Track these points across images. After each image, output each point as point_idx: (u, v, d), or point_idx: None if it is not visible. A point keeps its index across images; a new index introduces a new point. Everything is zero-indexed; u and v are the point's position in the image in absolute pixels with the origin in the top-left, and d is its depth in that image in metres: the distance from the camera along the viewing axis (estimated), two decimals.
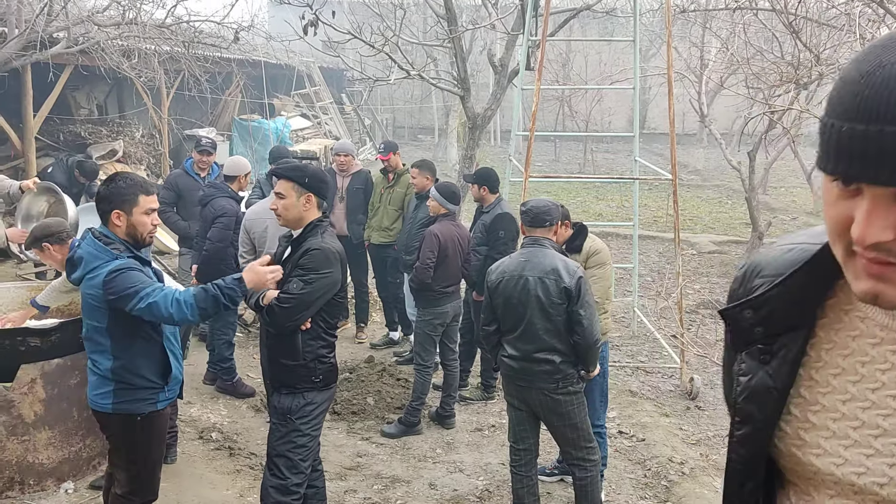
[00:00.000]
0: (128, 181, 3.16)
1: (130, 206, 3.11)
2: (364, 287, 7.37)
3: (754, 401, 1.09)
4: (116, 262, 3.04)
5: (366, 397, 5.84)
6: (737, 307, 1.11)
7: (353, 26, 7.55)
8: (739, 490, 1.14)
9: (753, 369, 1.09)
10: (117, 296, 2.98)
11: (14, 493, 4.10)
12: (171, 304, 2.96)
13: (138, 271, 3.05)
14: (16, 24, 7.71)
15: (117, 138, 11.80)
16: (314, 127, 17.74)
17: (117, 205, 3.10)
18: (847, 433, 1.01)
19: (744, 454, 1.12)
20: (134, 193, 3.12)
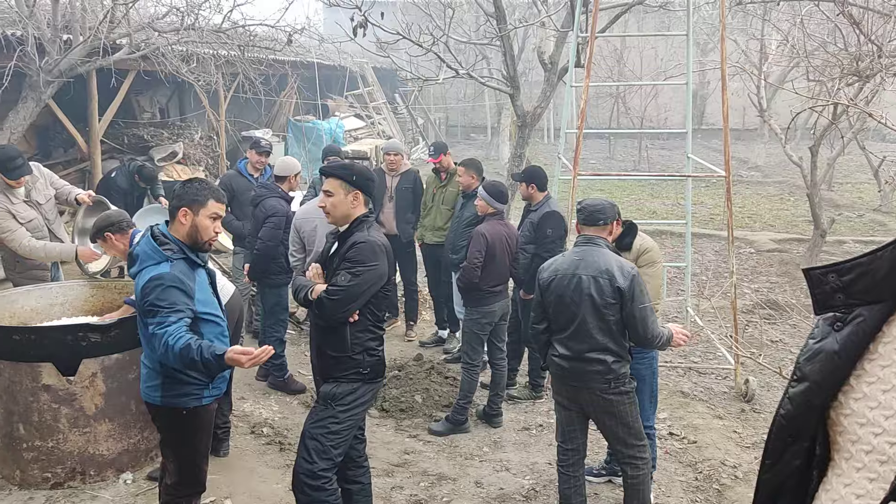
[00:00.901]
0: (203, 184, 3.31)
1: (198, 207, 3.23)
2: (413, 286, 7.42)
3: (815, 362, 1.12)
4: (162, 267, 3.12)
5: (414, 395, 5.88)
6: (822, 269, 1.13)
7: (402, 27, 7.60)
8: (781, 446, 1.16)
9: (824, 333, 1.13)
10: (145, 305, 3.08)
11: (76, 483, 4.28)
12: (163, 345, 2.96)
13: (177, 289, 3.08)
14: (80, 32, 8.01)
15: (177, 140, 12.15)
16: (367, 127, 17.93)
17: (187, 203, 3.23)
18: (892, 404, 1.03)
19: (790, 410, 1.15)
20: (205, 196, 3.25)
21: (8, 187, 5.12)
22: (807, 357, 1.13)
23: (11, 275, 5.39)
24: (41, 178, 5.38)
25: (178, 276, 3.11)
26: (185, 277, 3.16)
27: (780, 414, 1.17)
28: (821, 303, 1.13)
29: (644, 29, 21.53)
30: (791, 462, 1.15)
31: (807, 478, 1.14)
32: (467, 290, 5.38)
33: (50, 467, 4.26)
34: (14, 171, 5.05)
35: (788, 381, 1.18)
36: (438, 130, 24.80)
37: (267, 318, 5.91)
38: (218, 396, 3.45)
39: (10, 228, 5.06)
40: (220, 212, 3.31)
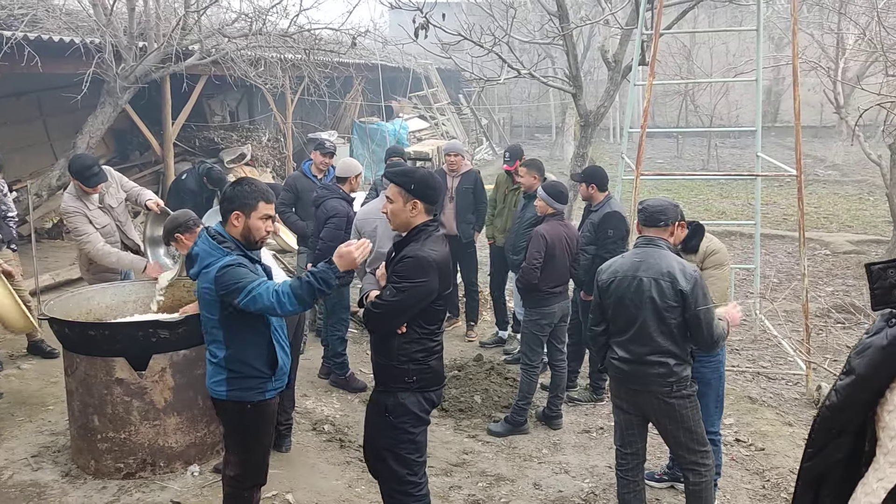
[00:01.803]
0: (252, 186, 3.37)
1: (249, 210, 3.32)
2: (474, 286, 7.43)
3: (864, 356, 1.13)
4: (227, 258, 3.25)
5: (473, 395, 5.89)
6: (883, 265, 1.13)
7: (463, 27, 7.61)
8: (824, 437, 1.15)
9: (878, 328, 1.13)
10: (227, 290, 3.19)
11: (146, 474, 4.44)
12: (271, 296, 3.14)
13: (245, 267, 3.23)
14: (154, 39, 8.32)
15: (246, 143, 12.49)
16: (431, 128, 18.03)
17: (238, 206, 3.32)
18: None
19: (836, 402, 1.16)
20: (255, 199, 3.32)
21: (84, 193, 5.33)
22: (857, 351, 1.13)
23: (86, 274, 5.63)
24: (113, 182, 5.58)
25: (244, 261, 3.25)
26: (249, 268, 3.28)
27: (826, 405, 1.17)
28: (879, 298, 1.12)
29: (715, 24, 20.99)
30: (833, 454, 1.14)
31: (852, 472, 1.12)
32: (527, 291, 5.35)
33: (122, 458, 4.43)
34: (91, 178, 5.25)
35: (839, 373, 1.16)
36: (502, 131, 24.76)
37: (329, 316, 6.01)
38: (280, 390, 3.52)
39: (86, 232, 5.28)
40: (269, 212, 3.38)
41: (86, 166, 5.26)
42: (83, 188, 5.31)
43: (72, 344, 4.43)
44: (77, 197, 5.33)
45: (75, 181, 5.31)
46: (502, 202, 7.01)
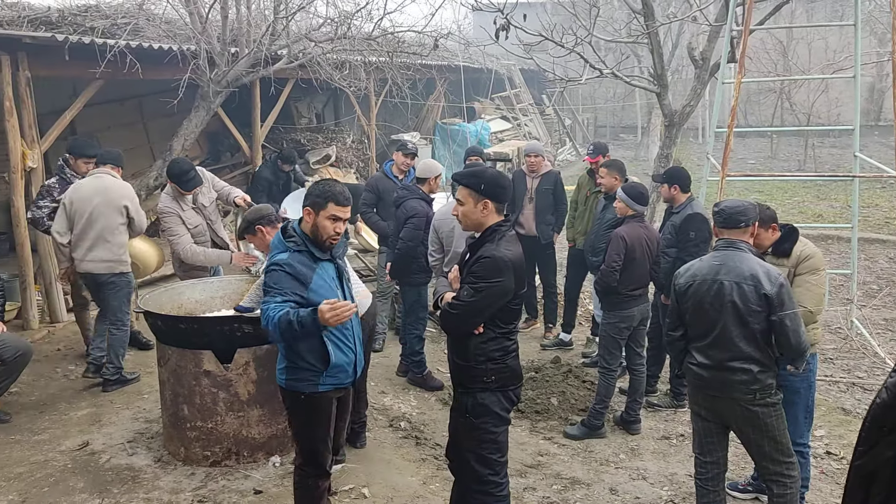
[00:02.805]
0: (327, 187, 3.46)
1: (319, 209, 3.41)
2: (553, 288, 7.38)
3: None
4: (282, 255, 3.36)
5: (550, 397, 5.85)
6: None
7: (544, 28, 7.57)
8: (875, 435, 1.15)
9: None
10: (264, 287, 3.37)
11: (231, 462, 4.62)
12: (265, 318, 3.25)
13: (290, 275, 3.31)
14: (245, 45, 8.63)
15: (331, 144, 12.79)
16: (513, 129, 17.98)
17: (310, 203, 3.43)
18: None
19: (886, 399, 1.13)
20: (325, 199, 3.40)
21: (180, 194, 5.64)
22: None
23: (178, 270, 5.92)
24: (205, 183, 5.86)
25: (293, 265, 3.34)
26: (302, 267, 3.36)
27: (877, 403, 1.13)
28: None
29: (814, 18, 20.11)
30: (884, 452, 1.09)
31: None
32: (605, 294, 5.28)
33: (209, 446, 4.63)
34: (188, 182, 5.58)
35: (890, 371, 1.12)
36: (586, 131, 24.44)
37: (407, 315, 6.10)
38: (338, 387, 3.57)
39: (178, 233, 5.59)
40: (339, 214, 3.42)
41: (183, 171, 5.57)
42: (179, 190, 5.59)
43: (164, 336, 4.67)
44: (173, 198, 5.64)
45: (172, 184, 5.60)
46: (583, 204, 6.94)
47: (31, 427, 5.24)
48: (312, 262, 3.41)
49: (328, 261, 3.51)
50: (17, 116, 6.82)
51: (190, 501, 4.23)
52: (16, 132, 6.84)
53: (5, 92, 6.69)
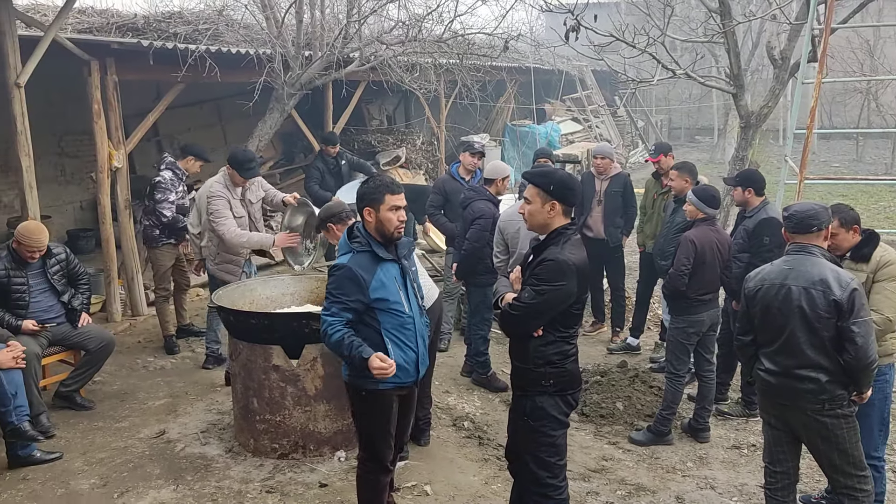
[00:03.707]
0: (377, 182, 3.53)
1: (378, 204, 3.47)
2: (621, 291, 7.28)
3: None
4: (347, 257, 3.44)
5: (615, 402, 5.77)
6: None
7: (616, 28, 7.48)
8: None
9: None
10: (326, 290, 3.45)
11: (298, 456, 4.74)
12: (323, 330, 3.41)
13: (349, 279, 3.40)
14: (318, 48, 8.84)
15: (401, 145, 12.94)
16: (584, 130, 17.80)
17: (367, 202, 3.49)
18: None
19: None
20: (381, 192, 3.47)
21: (232, 184, 5.77)
22: None
23: (211, 265, 5.98)
24: (256, 180, 6.02)
25: (353, 268, 3.41)
26: (363, 270, 3.42)
27: None
28: None
29: None
30: None
31: None
32: (673, 298, 5.19)
33: (277, 439, 4.75)
34: (249, 170, 5.72)
35: None
36: (659, 133, 23.96)
37: (472, 316, 6.12)
38: (400, 385, 3.60)
39: (224, 215, 5.68)
40: (397, 203, 3.50)
41: (248, 158, 5.73)
42: (235, 178, 5.74)
43: (236, 331, 4.82)
44: (224, 185, 5.75)
45: (231, 170, 5.73)
46: (651, 207, 6.83)
47: (113, 415, 5.49)
48: (374, 262, 3.46)
49: (391, 261, 3.56)
50: (104, 119, 7.16)
51: (258, 491, 4.36)
52: (103, 134, 7.18)
53: (94, 95, 7.03)
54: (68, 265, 5.56)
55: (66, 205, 10.19)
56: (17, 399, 4.56)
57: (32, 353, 4.96)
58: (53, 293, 5.44)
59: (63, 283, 5.50)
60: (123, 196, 7.51)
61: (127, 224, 7.58)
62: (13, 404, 4.54)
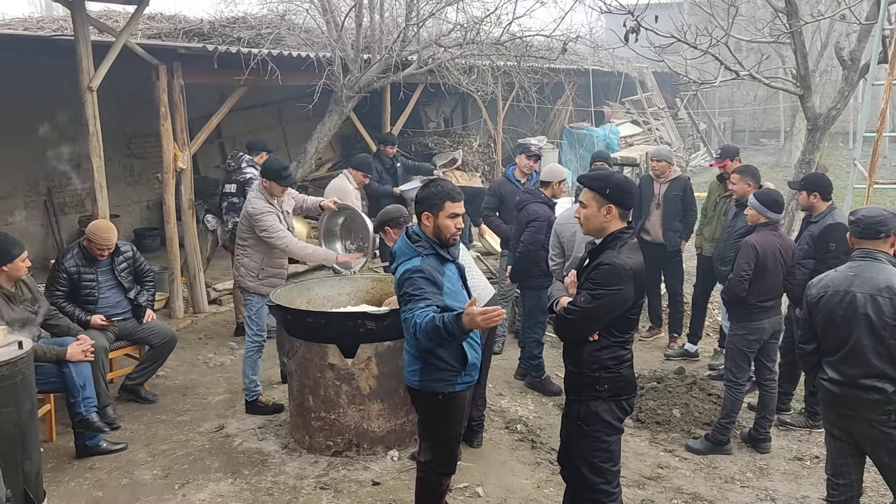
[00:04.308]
0: (438, 188, 3.52)
1: (437, 210, 3.47)
2: (679, 297, 7.14)
3: None
4: (415, 260, 3.40)
5: (672, 409, 5.66)
6: None
7: (677, 29, 7.34)
8: None
9: None
10: (400, 294, 3.39)
11: (352, 453, 4.80)
12: (413, 326, 3.22)
13: (427, 279, 3.33)
14: (377, 51, 8.93)
15: (458, 148, 12.97)
16: (644, 133, 17.53)
17: (426, 208, 3.49)
18: None
19: None
20: (441, 199, 3.47)
21: (270, 195, 5.50)
22: None
23: (253, 281, 5.53)
24: (290, 190, 5.82)
25: (428, 269, 3.38)
26: (435, 271, 3.41)
27: None
28: None
29: None
30: None
31: None
32: (733, 304, 5.06)
33: (332, 437, 4.82)
34: (287, 178, 5.50)
35: None
36: (722, 136, 23.42)
37: (526, 319, 6.10)
38: (470, 384, 3.63)
39: (279, 228, 5.45)
40: (457, 210, 3.48)
41: (283, 167, 5.54)
42: (274, 190, 5.47)
43: (293, 329, 4.91)
44: (265, 200, 5.48)
45: (269, 182, 5.46)
46: (712, 210, 6.69)
47: (175, 408, 5.66)
48: (441, 264, 3.47)
49: (452, 262, 3.58)
50: (171, 121, 7.39)
51: (313, 487, 4.43)
52: (169, 136, 7.41)
53: (161, 98, 7.26)
54: (135, 263, 5.76)
55: (133, 204, 10.55)
56: (85, 391, 4.75)
57: (100, 346, 5.15)
58: (120, 290, 5.64)
59: (130, 280, 5.70)
60: (187, 196, 7.73)
61: (190, 223, 7.80)
62: (82, 396, 4.72)
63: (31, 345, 3.86)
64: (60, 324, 5.13)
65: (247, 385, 5.53)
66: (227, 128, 11.26)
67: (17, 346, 3.57)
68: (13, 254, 4.73)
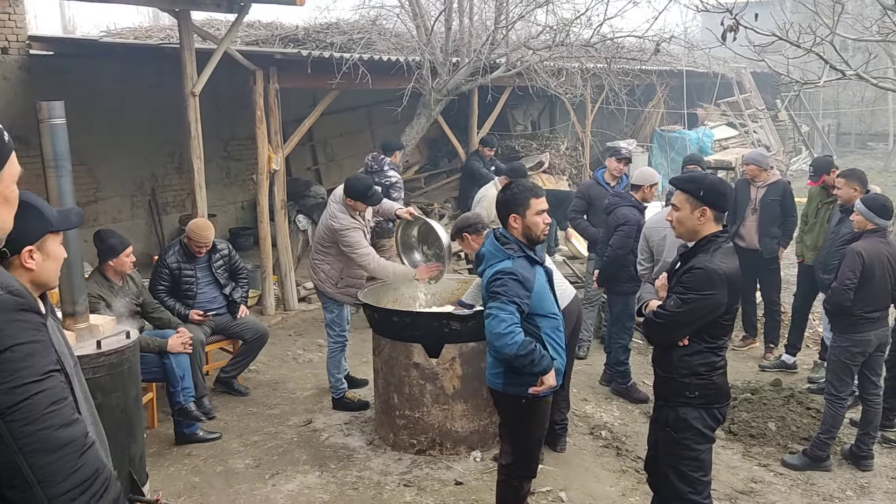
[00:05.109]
0: (520, 187, 3.52)
1: (524, 209, 3.45)
2: (775, 306, 6.85)
3: None
4: (506, 263, 3.39)
5: (767, 422, 5.44)
6: None
7: (779, 27, 7.05)
8: None
9: None
10: (489, 293, 3.38)
11: (435, 452, 4.83)
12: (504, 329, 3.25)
13: (517, 282, 3.33)
14: (466, 55, 8.98)
15: (545, 151, 12.87)
16: (740, 136, 16.92)
17: (513, 209, 3.48)
18: None
19: None
20: (526, 197, 3.46)
21: (353, 210, 5.41)
22: None
23: (332, 288, 5.53)
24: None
25: (520, 272, 3.36)
26: (526, 272, 3.39)
27: None
28: None
29: None
30: None
31: None
32: (836, 315, 4.82)
33: (416, 435, 4.87)
34: (373, 197, 5.42)
35: None
36: (826, 139, 22.33)
37: (613, 324, 5.99)
38: (555, 389, 3.60)
39: (363, 245, 5.39)
40: (542, 206, 3.47)
41: (368, 187, 5.40)
42: (358, 206, 5.39)
43: (379, 327, 4.99)
44: (349, 214, 5.40)
45: (352, 201, 5.36)
46: (814, 216, 6.39)
47: (266, 402, 5.84)
48: (531, 266, 3.46)
49: (540, 264, 3.56)
50: (266, 124, 7.65)
51: (396, 484, 4.48)
52: (264, 138, 7.67)
53: (257, 102, 7.53)
54: (230, 260, 5.99)
55: (228, 205, 10.96)
56: (184, 381, 4.97)
57: (198, 340, 5.38)
58: (217, 286, 5.87)
59: (225, 276, 5.93)
60: (280, 197, 7.98)
61: (282, 223, 8.05)
62: (181, 385, 4.95)
63: (138, 335, 4.07)
64: (162, 316, 5.38)
65: (332, 383, 5.65)
66: (318, 131, 11.55)
67: (125, 336, 3.77)
68: (118, 249, 5.01)
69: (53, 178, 3.47)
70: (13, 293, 1.42)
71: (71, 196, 3.58)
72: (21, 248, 1.81)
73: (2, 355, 1.36)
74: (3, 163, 1.51)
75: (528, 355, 3.27)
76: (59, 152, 3.44)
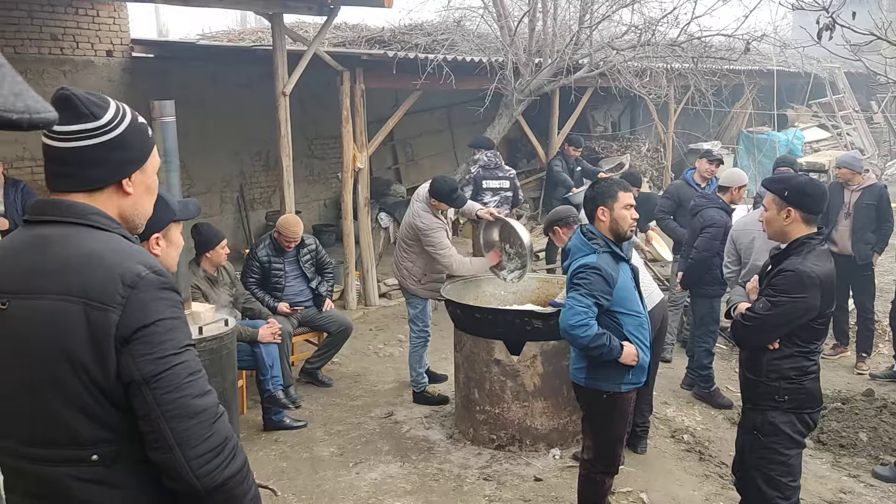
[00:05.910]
0: (608, 182, 3.59)
1: (612, 202, 3.50)
2: (869, 314, 6.59)
3: None
4: (591, 257, 3.43)
5: (858, 432, 5.25)
6: None
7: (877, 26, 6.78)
8: None
9: None
10: (571, 284, 3.44)
11: (514, 449, 4.88)
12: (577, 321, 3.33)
13: (600, 276, 3.37)
14: (549, 55, 8.98)
15: (625, 152, 12.71)
16: (833, 138, 16.28)
17: (601, 202, 3.52)
18: None
19: None
20: (614, 191, 3.52)
21: (437, 209, 5.49)
22: None
23: (416, 286, 5.64)
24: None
25: (604, 267, 3.40)
26: (609, 268, 3.42)
27: None
28: None
29: None
30: None
31: None
32: None
33: (495, 430, 4.93)
34: (458, 199, 5.48)
35: None
36: None
37: (696, 327, 5.90)
38: (636, 387, 3.60)
39: (446, 245, 5.48)
40: (630, 200, 3.52)
41: (453, 188, 5.45)
42: (441, 206, 5.46)
43: (461, 324, 5.07)
44: (432, 213, 5.47)
45: (437, 202, 5.44)
46: None
47: (349, 393, 6.01)
48: (616, 262, 3.48)
49: (626, 261, 3.57)
50: (351, 124, 7.85)
51: (476, 477, 4.55)
52: (349, 137, 7.87)
53: (344, 102, 7.73)
54: (317, 255, 6.19)
55: (312, 202, 11.28)
56: (273, 370, 5.17)
57: (285, 331, 5.58)
58: (304, 279, 6.08)
59: (312, 270, 6.13)
60: (363, 195, 8.17)
61: (365, 220, 8.24)
62: (270, 374, 5.15)
63: (235, 323, 4.27)
64: (253, 307, 5.61)
65: (414, 378, 5.77)
66: (399, 131, 11.75)
67: (224, 324, 3.96)
68: (214, 242, 5.26)
69: (163, 173, 3.67)
70: (158, 273, 1.55)
71: (178, 190, 3.79)
72: (150, 235, 1.96)
73: (147, 328, 1.50)
74: (147, 156, 1.66)
75: (598, 347, 3.37)
76: (169, 149, 3.65)
